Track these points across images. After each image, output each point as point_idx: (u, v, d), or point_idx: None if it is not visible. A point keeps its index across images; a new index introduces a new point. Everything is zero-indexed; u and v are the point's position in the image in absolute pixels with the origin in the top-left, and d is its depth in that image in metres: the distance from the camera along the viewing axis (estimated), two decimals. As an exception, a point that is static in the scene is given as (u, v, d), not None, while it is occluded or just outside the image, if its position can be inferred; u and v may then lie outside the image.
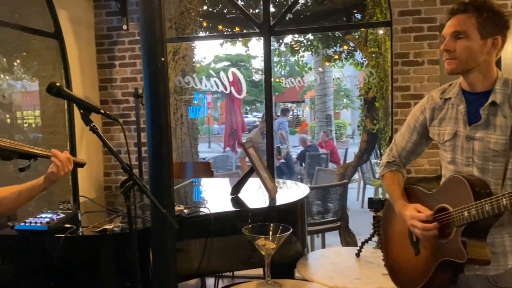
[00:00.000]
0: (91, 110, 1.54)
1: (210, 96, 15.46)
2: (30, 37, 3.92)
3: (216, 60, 20.95)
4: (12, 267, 2.01)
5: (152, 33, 1.90)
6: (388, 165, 1.83)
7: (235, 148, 8.83)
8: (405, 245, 1.71)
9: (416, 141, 1.76)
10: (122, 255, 2.01)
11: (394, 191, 1.75)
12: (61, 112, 3.99)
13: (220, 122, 21.58)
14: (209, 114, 18.22)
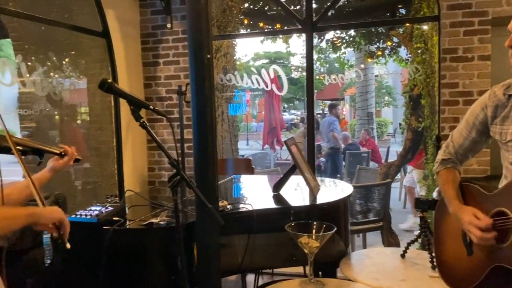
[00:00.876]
0: (141, 106, 1.58)
1: (249, 94, 15.53)
2: (79, 36, 4.07)
3: (255, 57, 21.00)
4: (64, 257, 2.09)
5: (199, 30, 1.92)
6: (444, 162, 1.77)
7: (274, 146, 8.82)
8: (458, 244, 1.66)
9: (474, 139, 1.69)
10: (167, 248, 2.05)
11: (448, 189, 1.69)
12: (107, 109, 4.12)
13: (258, 119, 21.65)
14: (247, 112, 18.32)
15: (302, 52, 22.07)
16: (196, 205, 1.96)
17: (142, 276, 2.06)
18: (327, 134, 7.43)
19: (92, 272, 2.06)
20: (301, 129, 8.13)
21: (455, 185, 1.69)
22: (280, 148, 9.24)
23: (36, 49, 4.03)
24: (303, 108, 27.06)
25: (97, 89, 4.29)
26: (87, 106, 4.44)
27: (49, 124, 4.29)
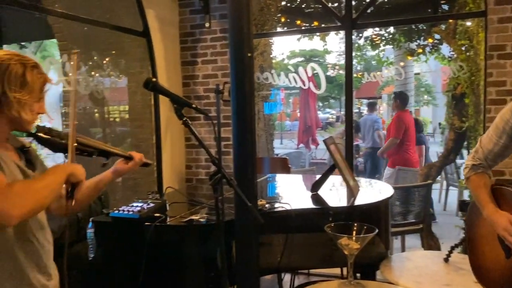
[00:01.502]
0: (184, 104, 1.60)
1: (283, 92, 15.48)
2: (120, 36, 4.17)
3: (291, 56, 20.91)
4: (107, 250, 2.15)
5: (240, 28, 1.92)
6: (474, 167, 1.76)
7: (309, 145, 8.75)
8: (494, 247, 1.65)
9: (505, 144, 1.68)
10: (207, 246, 2.07)
11: (481, 193, 1.69)
12: (147, 107, 4.20)
13: (292, 118, 21.56)
14: (281, 111, 18.28)
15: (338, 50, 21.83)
16: (235, 204, 1.96)
17: (181, 272, 2.09)
18: (369, 133, 7.18)
19: (133, 266, 2.11)
20: (340, 129, 7.98)
21: (487, 189, 1.69)
22: (315, 147, 9.16)
23: (80, 49, 4.17)
24: (338, 106, 26.72)
25: (138, 88, 4.41)
26: (127, 104, 4.55)
27: (90, 122, 4.43)
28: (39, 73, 1.39)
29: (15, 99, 1.32)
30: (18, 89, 1.33)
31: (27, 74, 1.35)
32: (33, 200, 1.24)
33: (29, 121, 1.39)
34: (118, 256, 2.18)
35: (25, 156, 1.48)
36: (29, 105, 1.36)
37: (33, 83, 1.36)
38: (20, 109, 1.34)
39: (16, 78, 1.32)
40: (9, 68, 1.32)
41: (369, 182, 3.48)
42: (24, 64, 1.36)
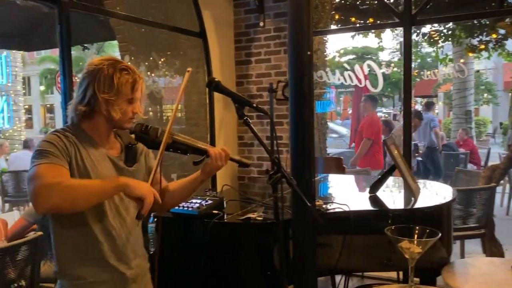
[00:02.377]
0: (245, 104, 1.61)
1: (335, 91, 15.26)
2: (176, 37, 4.28)
3: (343, 53, 20.58)
4: (168, 244, 2.21)
5: (300, 26, 1.91)
6: None
7: (362, 144, 8.55)
8: None
9: None
10: (264, 244, 2.08)
11: None
12: (202, 106, 4.29)
13: (343, 117, 21.22)
14: (333, 109, 18.03)
15: (391, 47, 21.20)
16: (293, 203, 1.96)
17: (238, 269, 2.11)
18: (426, 132, 6.97)
19: (192, 261, 2.16)
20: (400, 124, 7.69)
21: None
22: (368, 147, 8.94)
23: (140, 50, 4.33)
24: (391, 105, 26.00)
25: (193, 87, 4.50)
26: (183, 103, 4.67)
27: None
28: (128, 74, 1.48)
29: (103, 100, 1.44)
30: (106, 90, 1.45)
31: (115, 76, 1.46)
32: (61, 197, 1.31)
33: (121, 120, 1.50)
34: (177, 251, 2.24)
35: (129, 153, 1.60)
36: (117, 105, 1.47)
37: (120, 84, 1.46)
38: (108, 108, 1.46)
39: (104, 80, 1.45)
40: (100, 72, 1.45)
41: (428, 183, 3.36)
42: (115, 67, 1.47)
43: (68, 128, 1.51)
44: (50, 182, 1.30)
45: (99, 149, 1.52)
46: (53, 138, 1.43)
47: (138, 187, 1.40)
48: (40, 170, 1.34)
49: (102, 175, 1.47)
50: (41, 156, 1.37)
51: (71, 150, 1.43)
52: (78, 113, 1.49)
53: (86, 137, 1.50)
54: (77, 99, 1.48)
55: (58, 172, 1.35)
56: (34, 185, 1.31)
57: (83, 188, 1.35)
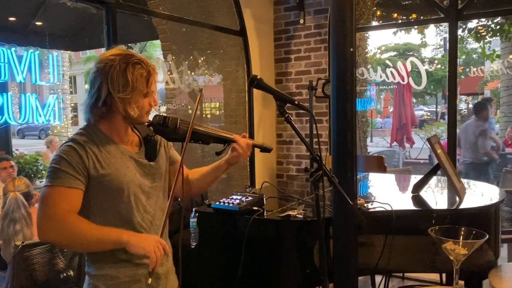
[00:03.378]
0: (286, 101, 1.61)
1: (375, 88, 14.95)
2: (216, 36, 4.33)
3: (383, 50, 20.12)
4: (208, 239, 2.25)
5: (343, 23, 1.89)
6: None
7: (403, 143, 8.35)
8: None
9: None
10: (304, 242, 2.07)
11: None
12: (241, 104, 4.33)
13: (383, 115, 20.75)
14: (373, 107, 17.66)
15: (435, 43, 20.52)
16: (334, 201, 1.94)
17: (277, 265, 2.12)
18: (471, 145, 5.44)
19: (230, 257, 2.19)
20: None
21: None
22: (410, 146, 8.72)
23: (181, 49, 4.41)
24: (434, 103, 25.19)
25: (233, 85, 4.54)
26: (222, 101, 4.72)
27: (189, 117, 4.65)
28: (142, 68, 1.40)
29: (119, 99, 1.37)
30: (121, 88, 1.37)
31: (129, 72, 1.38)
32: (62, 238, 1.33)
33: (138, 115, 1.43)
34: (218, 246, 2.28)
35: (148, 146, 1.55)
36: (134, 101, 1.40)
37: (135, 80, 1.38)
38: (126, 107, 1.39)
39: (118, 78, 1.36)
40: (112, 69, 1.37)
41: (472, 183, 3.23)
42: (127, 62, 1.39)
43: (85, 131, 1.44)
44: (55, 217, 1.31)
45: (120, 148, 1.46)
46: (67, 152, 1.37)
47: (141, 246, 1.34)
48: (49, 195, 1.33)
49: (127, 177, 1.43)
50: (54, 176, 1.34)
51: (89, 163, 1.38)
52: (94, 114, 1.42)
53: (105, 138, 1.44)
54: (92, 100, 1.40)
55: (67, 199, 1.33)
56: (40, 212, 1.33)
57: (83, 235, 1.33)
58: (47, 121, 3.38)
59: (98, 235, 1.34)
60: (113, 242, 1.35)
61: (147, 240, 1.36)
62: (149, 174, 1.52)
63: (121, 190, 1.42)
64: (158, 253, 1.35)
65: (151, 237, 1.40)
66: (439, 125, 12.49)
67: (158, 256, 1.35)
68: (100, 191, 1.41)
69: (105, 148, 1.42)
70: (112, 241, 1.35)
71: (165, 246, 1.40)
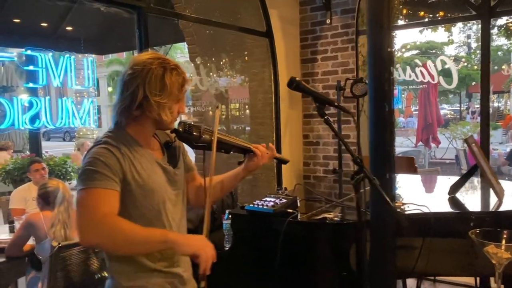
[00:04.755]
0: (326, 102, 1.60)
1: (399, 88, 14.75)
2: (242, 37, 4.34)
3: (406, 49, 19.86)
4: (242, 241, 2.25)
5: (380, 22, 1.86)
6: None
7: (429, 143, 8.21)
8: None
9: None
10: (340, 244, 2.05)
11: None
12: (268, 106, 4.32)
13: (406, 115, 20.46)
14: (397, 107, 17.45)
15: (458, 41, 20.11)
16: (373, 204, 1.91)
17: (313, 268, 2.11)
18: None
19: (264, 259, 2.18)
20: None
21: None
22: (436, 146, 8.57)
23: (207, 51, 4.44)
24: (457, 102, 24.73)
25: (259, 87, 4.53)
26: (248, 102, 4.72)
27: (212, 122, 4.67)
28: (178, 74, 1.40)
29: (155, 103, 1.36)
30: (158, 92, 1.36)
31: (166, 77, 1.37)
32: (107, 240, 1.27)
33: (169, 122, 1.43)
34: (251, 248, 2.27)
35: (169, 152, 1.54)
36: (168, 107, 1.39)
37: (171, 85, 1.38)
38: (160, 111, 1.38)
39: (156, 82, 1.35)
40: (150, 72, 1.35)
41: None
42: (164, 67, 1.38)
43: (114, 134, 1.40)
44: (96, 220, 1.25)
45: (147, 153, 1.43)
46: (103, 153, 1.33)
47: (189, 244, 1.31)
48: (87, 198, 1.28)
49: (157, 184, 1.41)
50: (89, 178, 1.29)
51: (124, 165, 1.35)
52: (127, 117, 1.39)
53: (133, 142, 1.41)
54: (126, 102, 1.37)
55: (106, 200, 1.28)
56: (80, 217, 1.28)
57: (128, 236, 1.27)
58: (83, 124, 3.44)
59: (143, 235, 1.29)
60: (159, 241, 1.29)
61: (195, 239, 1.34)
62: (173, 181, 1.50)
63: (151, 196, 1.40)
64: (207, 253, 1.31)
65: (197, 236, 1.36)
66: (465, 124, 12.25)
67: (209, 255, 1.31)
68: (131, 195, 1.37)
69: (137, 151, 1.40)
70: (159, 240, 1.29)
71: (212, 246, 1.35)
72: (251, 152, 1.66)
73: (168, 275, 1.44)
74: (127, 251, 1.33)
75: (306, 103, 4.48)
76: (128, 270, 1.40)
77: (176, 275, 1.46)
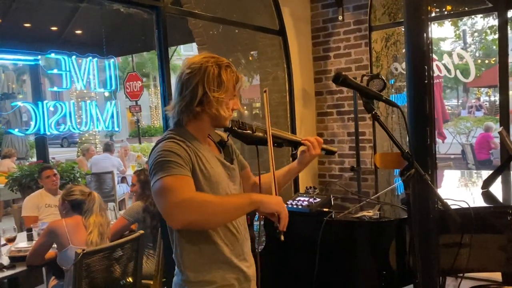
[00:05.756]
0: (373, 97, 1.55)
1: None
2: (254, 36, 4.29)
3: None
4: (275, 243, 2.20)
5: (418, 14, 1.83)
6: None
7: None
8: None
9: None
10: (380, 243, 2.01)
11: None
12: (282, 104, 4.27)
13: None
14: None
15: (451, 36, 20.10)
16: (416, 201, 1.86)
17: (351, 268, 2.06)
18: None
19: (299, 260, 2.13)
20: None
21: None
22: (442, 141, 8.54)
23: (218, 51, 4.37)
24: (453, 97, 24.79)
25: (274, 86, 4.45)
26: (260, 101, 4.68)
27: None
28: (232, 72, 1.46)
29: (214, 98, 1.41)
30: (216, 88, 1.41)
31: (222, 74, 1.42)
32: (199, 214, 1.28)
33: (226, 118, 1.47)
34: (287, 249, 2.22)
35: (224, 150, 1.58)
36: (225, 103, 1.44)
37: (227, 82, 1.43)
38: (218, 107, 1.43)
39: (213, 79, 1.41)
40: (207, 70, 1.41)
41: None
42: (219, 65, 1.43)
43: (175, 132, 1.44)
44: (183, 199, 1.27)
45: (207, 149, 1.48)
46: (172, 146, 1.37)
47: (272, 202, 1.40)
48: (167, 184, 1.29)
49: (220, 178, 1.46)
50: (164, 168, 1.31)
51: (193, 157, 1.39)
52: (188, 114, 1.43)
53: (193, 139, 1.45)
54: (187, 99, 1.41)
55: (186, 184, 1.31)
56: (166, 202, 1.28)
57: (218, 205, 1.32)
58: (106, 128, 3.37)
59: (231, 202, 1.37)
60: (247, 203, 1.36)
61: (275, 199, 1.42)
62: (232, 177, 1.55)
63: (217, 188, 1.44)
64: (286, 211, 1.41)
65: (275, 197, 1.44)
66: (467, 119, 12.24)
67: (286, 214, 1.41)
68: (199, 186, 1.39)
69: (199, 147, 1.45)
70: (246, 203, 1.36)
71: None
72: (301, 144, 1.68)
73: (236, 270, 1.48)
74: (220, 220, 1.37)
75: (320, 101, 4.44)
76: (198, 262, 1.43)
77: (241, 271, 1.50)
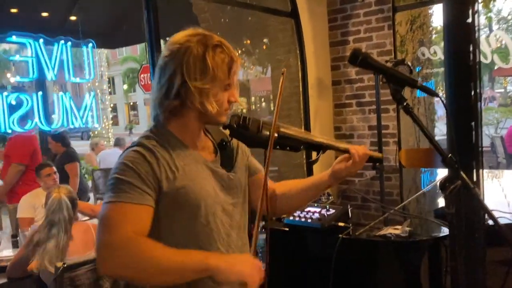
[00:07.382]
0: (405, 83, 1.15)
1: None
2: (265, 21, 3.91)
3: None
4: (280, 262, 1.84)
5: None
6: None
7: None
8: None
9: None
10: (409, 264, 1.63)
11: None
12: (295, 95, 3.89)
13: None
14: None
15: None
16: (463, 215, 1.48)
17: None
18: None
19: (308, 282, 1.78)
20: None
21: None
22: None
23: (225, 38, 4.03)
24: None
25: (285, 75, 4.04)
26: (271, 93, 4.32)
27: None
28: (223, 52, 1.13)
29: (196, 89, 1.10)
30: (198, 76, 1.10)
31: (208, 56, 1.10)
32: (128, 268, 1.03)
33: (217, 113, 1.15)
34: (290, 269, 1.87)
35: (224, 153, 1.26)
36: (213, 94, 1.13)
37: (215, 67, 1.11)
38: (203, 100, 1.11)
39: (195, 64, 1.10)
40: (187, 52, 1.10)
41: None
42: (205, 44, 1.11)
43: (152, 133, 1.16)
44: (117, 241, 1.02)
45: (193, 154, 1.18)
46: (135, 159, 1.09)
47: (234, 271, 1.05)
48: (109, 215, 1.05)
49: (204, 192, 1.14)
50: (117, 189, 1.06)
51: (160, 173, 1.10)
52: (164, 110, 1.14)
53: (176, 142, 1.16)
54: (161, 92, 1.13)
55: (132, 219, 1.05)
56: (100, 236, 1.04)
57: (157, 263, 1.02)
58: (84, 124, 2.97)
59: (177, 262, 1.03)
60: (198, 270, 1.03)
61: (241, 262, 1.08)
62: (228, 188, 1.23)
63: (198, 207, 1.13)
64: (255, 278, 1.07)
65: (243, 257, 1.13)
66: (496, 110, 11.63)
67: (256, 281, 1.07)
68: (172, 209, 1.12)
69: (178, 153, 1.15)
70: (197, 268, 1.03)
71: (261, 267, 1.10)
72: (328, 149, 1.30)
73: None
74: (157, 281, 1.05)
75: (337, 91, 4.02)
76: None
77: None
